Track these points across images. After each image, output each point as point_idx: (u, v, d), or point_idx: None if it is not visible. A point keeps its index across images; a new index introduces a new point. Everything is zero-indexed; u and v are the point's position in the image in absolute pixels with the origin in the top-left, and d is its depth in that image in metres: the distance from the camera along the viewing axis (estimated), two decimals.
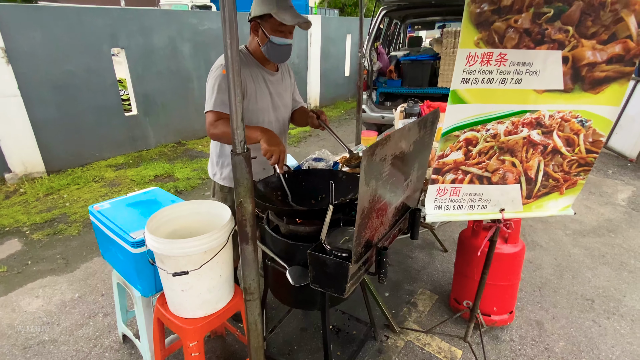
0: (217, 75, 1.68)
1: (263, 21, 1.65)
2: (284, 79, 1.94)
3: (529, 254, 2.96)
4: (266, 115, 1.83)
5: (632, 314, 2.38)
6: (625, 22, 1.28)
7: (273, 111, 1.86)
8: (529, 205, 1.62)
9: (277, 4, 1.59)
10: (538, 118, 1.42)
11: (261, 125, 1.78)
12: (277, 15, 1.58)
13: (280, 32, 1.66)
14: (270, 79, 1.83)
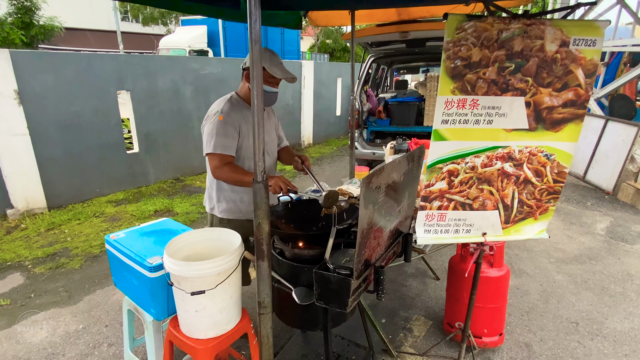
0: (215, 120, 1.91)
1: None
2: (270, 118, 2.20)
3: (516, 281, 3.12)
4: None
5: (614, 334, 2.52)
6: (574, 73, 1.56)
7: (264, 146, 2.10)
8: (508, 230, 1.82)
9: (270, 59, 1.89)
10: (509, 152, 1.66)
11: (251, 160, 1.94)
12: (270, 69, 1.88)
13: (270, 83, 1.95)
14: None
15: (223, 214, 2.14)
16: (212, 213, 2.19)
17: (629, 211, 4.68)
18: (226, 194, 2.10)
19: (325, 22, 4.00)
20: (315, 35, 27.02)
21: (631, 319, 2.69)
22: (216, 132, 1.89)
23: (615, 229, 4.17)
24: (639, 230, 4.14)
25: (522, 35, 1.47)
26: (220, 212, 2.14)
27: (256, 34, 1.03)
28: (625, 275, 3.24)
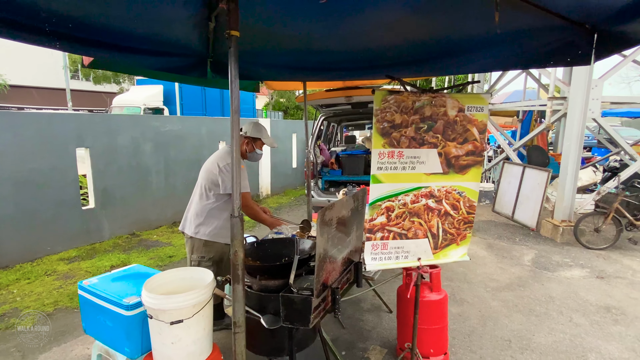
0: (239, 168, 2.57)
1: (254, 140, 2.76)
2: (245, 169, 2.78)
3: (458, 309, 3.50)
4: None
5: (540, 348, 2.92)
6: (471, 131, 2.10)
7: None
8: (438, 254, 2.23)
9: (264, 132, 2.77)
10: (430, 191, 2.12)
11: None
12: (265, 140, 2.76)
13: (260, 148, 2.81)
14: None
15: (208, 237, 2.64)
16: (197, 236, 2.63)
17: (549, 244, 5.40)
18: (214, 221, 2.65)
19: (280, 87, 4.58)
20: (269, 94, 28.49)
21: (553, 333, 3.13)
22: (243, 177, 2.50)
23: (539, 259, 4.80)
24: (557, 259, 4.80)
25: (430, 104, 2.00)
26: (206, 235, 2.64)
27: (236, 106, 1.41)
28: (548, 298, 3.76)
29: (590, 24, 1.76)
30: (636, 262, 4.71)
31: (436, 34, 1.95)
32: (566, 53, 1.91)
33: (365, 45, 2.13)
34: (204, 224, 2.65)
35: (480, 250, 5.12)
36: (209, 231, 2.65)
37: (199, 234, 2.65)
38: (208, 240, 2.65)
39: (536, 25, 1.83)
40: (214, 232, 2.65)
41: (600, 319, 3.35)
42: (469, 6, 1.70)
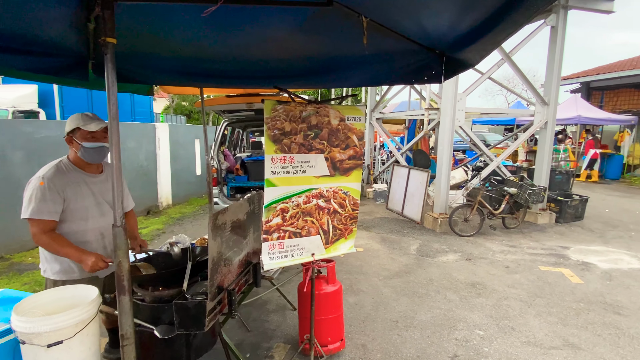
0: (36, 185, 1.94)
1: (74, 134, 2.05)
2: (108, 179, 2.22)
3: (355, 298, 3.84)
4: (90, 211, 2.11)
5: (421, 324, 3.39)
6: (351, 138, 2.38)
7: (97, 207, 2.14)
8: (329, 249, 2.46)
9: (83, 119, 2.03)
10: (320, 192, 2.34)
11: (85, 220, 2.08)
12: (84, 127, 2.00)
13: (92, 138, 2.03)
14: (92, 181, 2.14)
15: (57, 275, 2.08)
16: (46, 276, 2.12)
17: (431, 234, 6.24)
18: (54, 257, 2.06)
19: (177, 91, 4.42)
20: (169, 97, 26.71)
21: (432, 310, 3.66)
22: (35, 197, 1.92)
23: (422, 248, 5.52)
24: (437, 247, 5.59)
25: (315, 114, 2.21)
26: (54, 274, 2.08)
27: (114, 113, 1.38)
28: (428, 281, 4.36)
29: (438, 49, 2.17)
30: (495, 245, 5.75)
31: (318, 52, 2.17)
32: (424, 72, 2.31)
33: (255, 57, 2.25)
34: (48, 257, 2.08)
35: (375, 244, 5.66)
36: (57, 268, 2.07)
37: (47, 272, 2.10)
38: (57, 280, 2.07)
39: (399, 48, 2.18)
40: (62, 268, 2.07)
41: (467, 294, 4.02)
42: (343, 29, 1.95)
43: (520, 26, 1.19)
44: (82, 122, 2.01)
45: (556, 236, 6.22)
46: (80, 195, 2.08)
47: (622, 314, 3.56)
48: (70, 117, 2.08)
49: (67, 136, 2.08)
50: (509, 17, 1.15)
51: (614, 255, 5.24)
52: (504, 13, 1.14)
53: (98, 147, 2.06)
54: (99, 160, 2.15)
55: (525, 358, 2.86)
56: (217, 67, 2.56)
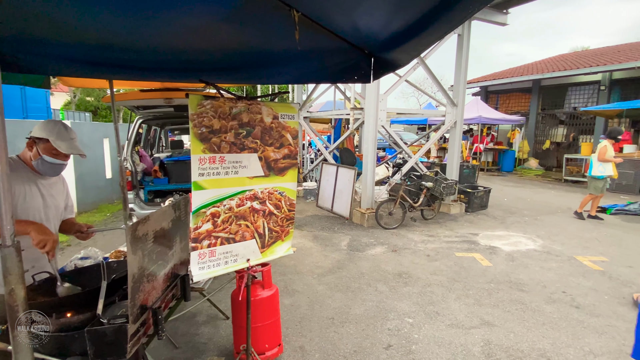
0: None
1: (40, 142, 1.90)
2: (57, 184, 2.13)
3: (290, 299, 3.77)
4: (37, 213, 1.95)
5: (356, 318, 3.46)
6: (285, 137, 2.29)
7: (44, 209, 1.99)
8: (265, 253, 2.35)
9: (57, 133, 1.90)
10: (254, 194, 2.21)
11: None
12: (54, 142, 1.87)
13: (54, 155, 1.91)
14: (42, 183, 2.00)
15: None
16: None
17: (359, 229, 6.46)
18: None
19: (80, 83, 3.86)
20: (71, 91, 23.59)
21: (365, 303, 3.76)
22: None
23: (352, 243, 5.68)
24: (366, 241, 5.79)
25: (246, 111, 2.08)
26: None
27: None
28: (360, 274, 4.49)
29: (367, 49, 2.19)
30: (416, 235, 6.16)
31: (247, 45, 2.04)
32: (353, 72, 2.32)
33: (175, 47, 2.03)
34: None
35: (307, 242, 5.66)
36: None
37: None
38: None
39: (331, 46, 2.15)
40: None
41: (396, 284, 4.22)
42: (273, 22, 1.85)
43: (455, 26, 1.24)
44: (54, 137, 1.88)
45: (467, 224, 6.90)
46: (30, 196, 1.90)
47: (524, 290, 4.06)
48: (45, 121, 1.95)
49: (30, 139, 1.92)
50: (444, 17, 1.19)
51: (514, 239, 5.99)
52: (439, 12, 1.18)
53: (57, 164, 1.96)
54: (53, 175, 2.03)
55: (450, 340, 3.10)
56: (130, 57, 2.25)
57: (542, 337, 3.14)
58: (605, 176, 6.86)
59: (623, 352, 2.92)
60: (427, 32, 1.38)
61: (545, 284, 4.22)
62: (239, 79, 2.52)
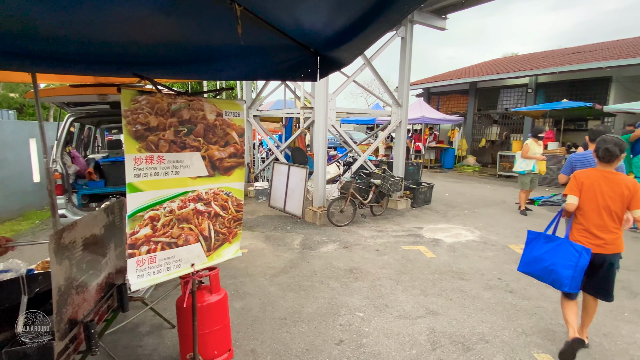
0: None
1: None
2: None
3: (241, 303, 3.68)
4: None
5: (308, 317, 3.46)
6: (231, 135, 2.22)
7: None
8: (212, 256, 2.26)
9: None
10: (198, 195, 2.12)
11: None
12: None
13: None
14: None
15: None
16: None
17: (312, 227, 6.49)
18: None
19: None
20: None
21: (317, 301, 3.78)
22: None
23: (305, 242, 5.68)
24: (318, 239, 5.83)
25: (187, 107, 1.98)
26: None
27: None
28: (312, 272, 4.50)
29: (313, 47, 2.19)
30: (366, 231, 6.31)
31: (187, 38, 1.94)
32: (300, 70, 2.31)
33: (106, 39, 1.87)
34: None
35: (259, 243, 5.57)
36: None
37: None
38: None
39: (275, 43, 2.12)
40: None
41: (347, 280, 4.29)
42: (215, 16, 1.78)
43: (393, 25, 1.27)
44: None
45: (412, 219, 7.21)
46: None
47: (464, 278, 4.34)
48: None
49: None
50: (383, 16, 1.21)
51: (455, 231, 6.37)
52: (378, 11, 1.20)
53: None
54: None
55: (399, 331, 3.21)
56: (55, 48, 2.04)
57: (481, 321, 3.37)
58: (526, 171, 7.28)
59: (550, 331, 3.23)
60: (367, 31, 1.41)
61: (483, 272, 4.54)
62: (179, 73, 2.40)
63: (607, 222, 2.69)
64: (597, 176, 2.74)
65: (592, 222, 2.73)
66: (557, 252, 2.77)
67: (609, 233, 2.69)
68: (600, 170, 2.76)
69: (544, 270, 2.83)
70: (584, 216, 2.76)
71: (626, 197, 2.64)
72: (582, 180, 2.78)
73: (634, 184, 2.66)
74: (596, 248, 2.69)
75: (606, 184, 2.70)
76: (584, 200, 2.76)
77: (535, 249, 2.96)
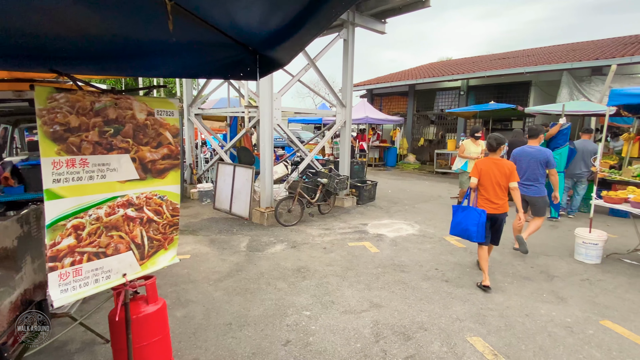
0: None
1: None
2: None
3: (183, 311, 3.52)
4: None
5: (254, 320, 3.41)
6: (164, 135, 2.11)
7: None
8: (145, 264, 2.13)
9: None
10: (128, 200, 1.99)
11: None
12: None
13: None
14: None
15: None
16: None
17: (259, 228, 6.40)
18: None
19: None
20: None
21: (264, 303, 3.73)
22: None
23: (252, 244, 5.59)
24: (265, 240, 5.76)
25: (113, 106, 1.85)
26: None
27: None
28: (259, 275, 4.44)
29: (252, 46, 2.16)
30: (314, 230, 6.37)
31: (111, 32, 1.81)
32: (239, 68, 2.26)
33: (19, 30, 1.68)
34: None
35: (203, 247, 5.37)
36: None
37: None
38: None
39: (211, 40, 2.05)
40: None
41: (295, 280, 4.30)
42: (144, 9, 1.68)
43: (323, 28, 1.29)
44: None
45: (358, 216, 7.43)
46: None
47: (405, 271, 4.56)
48: None
49: None
50: (312, 19, 1.23)
51: (397, 226, 6.67)
52: (308, 14, 1.22)
53: None
54: None
55: (344, 326, 3.29)
56: None
57: (420, 311, 3.57)
58: (460, 170, 7.45)
59: (481, 315, 3.51)
60: (300, 33, 1.42)
61: (422, 263, 4.81)
62: (106, 70, 2.22)
63: (498, 193, 4.00)
64: (490, 163, 4.03)
65: (490, 193, 4.01)
66: (468, 216, 4.01)
67: (501, 200, 4.01)
68: (491, 158, 4.08)
69: (462, 230, 4.04)
70: (485, 190, 4.04)
71: (507, 175, 3.97)
72: (481, 167, 4.04)
73: (511, 166, 4.01)
74: (493, 210, 4.00)
75: (496, 167, 3.99)
76: (484, 179, 4.02)
77: (456, 217, 4.16)
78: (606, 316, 3.54)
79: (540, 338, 3.14)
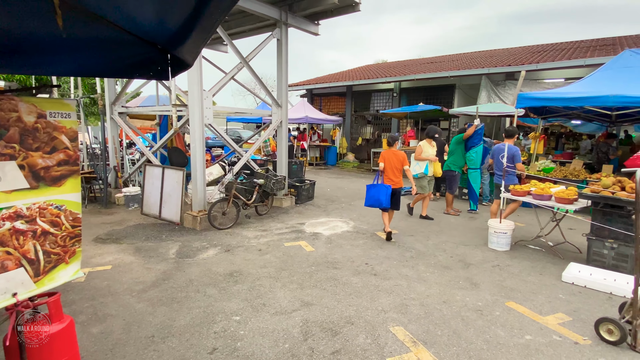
0: None
1: None
2: None
3: (100, 327, 3.26)
4: None
5: (180, 330, 3.26)
6: (59, 139, 1.93)
7: None
8: (42, 281, 1.94)
9: None
10: (16, 212, 1.79)
11: None
12: None
13: None
14: None
15: None
16: None
17: (191, 233, 6.14)
18: None
19: None
20: None
21: (191, 311, 3.59)
22: None
23: (182, 250, 5.34)
24: (197, 245, 5.55)
25: None
26: None
27: None
28: (188, 282, 4.26)
29: (160, 45, 2.06)
30: (250, 232, 6.28)
31: None
32: (148, 68, 2.14)
33: None
34: None
35: (127, 257, 5.02)
36: None
37: None
38: None
39: (111, 37, 1.92)
40: None
41: (226, 285, 4.20)
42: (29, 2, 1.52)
43: (210, 32, 1.27)
44: None
45: (296, 215, 7.47)
46: None
47: (337, 267, 4.69)
48: None
49: None
50: (198, 23, 1.20)
51: (333, 224, 6.83)
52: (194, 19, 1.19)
53: None
54: None
55: (274, 328, 3.29)
56: None
57: (348, 305, 3.70)
58: (420, 175, 7.04)
59: (404, 305, 3.73)
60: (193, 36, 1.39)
61: (353, 259, 4.98)
62: None
63: (396, 173, 5.88)
64: (390, 153, 5.90)
65: (390, 174, 5.87)
66: (378, 190, 5.79)
67: (397, 178, 5.90)
68: (391, 150, 5.94)
69: (375, 200, 5.80)
70: (387, 172, 5.88)
71: (401, 161, 5.84)
72: (385, 156, 5.91)
73: (404, 154, 5.89)
74: (394, 185, 5.85)
75: (394, 156, 5.87)
76: (387, 165, 5.86)
77: (369, 192, 5.94)
78: (511, 298, 3.96)
79: (455, 322, 3.43)
